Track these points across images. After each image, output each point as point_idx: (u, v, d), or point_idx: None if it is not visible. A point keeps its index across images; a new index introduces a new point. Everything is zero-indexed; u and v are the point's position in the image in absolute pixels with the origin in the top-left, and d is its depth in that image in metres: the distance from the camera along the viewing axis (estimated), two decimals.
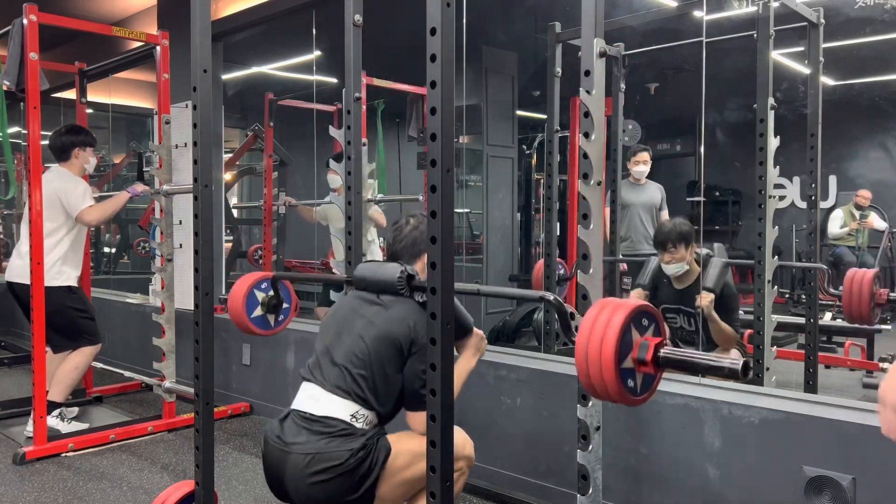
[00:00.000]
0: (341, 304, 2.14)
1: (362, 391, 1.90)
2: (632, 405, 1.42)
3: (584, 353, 1.39)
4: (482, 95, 5.59)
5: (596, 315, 1.40)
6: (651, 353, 1.39)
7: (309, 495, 1.86)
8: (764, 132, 2.70)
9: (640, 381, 1.42)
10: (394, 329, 1.92)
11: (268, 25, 4.47)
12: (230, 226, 5.85)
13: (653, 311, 1.44)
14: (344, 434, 1.86)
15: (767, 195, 2.71)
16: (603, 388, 1.38)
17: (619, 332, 1.35)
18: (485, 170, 5.64)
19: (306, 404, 1.95)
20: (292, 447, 1.88)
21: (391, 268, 1.96)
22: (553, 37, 3.90)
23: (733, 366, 1.37)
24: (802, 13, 3.00)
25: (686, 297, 3.17)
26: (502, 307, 5.34)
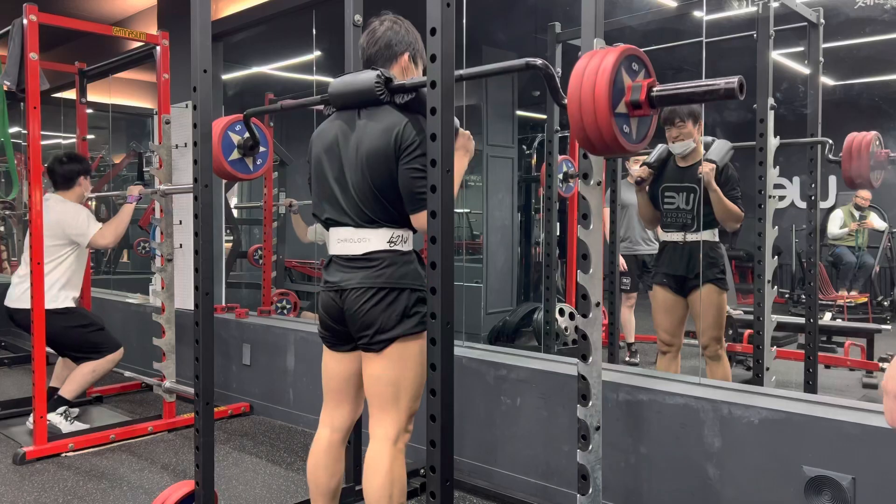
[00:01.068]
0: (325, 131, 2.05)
1: (384, 213, 1.91)
2: (630, 152, 1.40)
3: (576, 103, 1.36)
4: (482, 95, 5.59)
5: (585, 63, 1.38)
6: (644, 92, 1.38)
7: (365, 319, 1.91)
8: (764, 132, 2.70)
9: (635, 126, 1.40)
10: (380, 143, 1.88)
11: (268, 25, 4.47)
12: (230, 226, 5.85)
13: (641, 54, 1.42)
14: (392, 263, 1.90)
15: (767, 195, 2.71)
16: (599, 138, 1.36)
17: (610, 74, 1.33)
18: (485, 170, 5.64)
19: (344, 247, 1.96)
20: (345, 283, 1.93)
21: (366, 74, 1.92)
22: (553, 37, 3.90)
23: (728, 84, 1.35)
24: (802, 13, 3.01)
25: (689, 174, 3.18)
26: (502, 307, 5.34)
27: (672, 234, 3.27)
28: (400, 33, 2.02)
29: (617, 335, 3.91)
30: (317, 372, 3.62)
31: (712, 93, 1.40)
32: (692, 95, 1.42)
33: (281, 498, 2.82)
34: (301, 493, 2.84)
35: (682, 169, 3.22)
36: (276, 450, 3.39)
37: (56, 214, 3.55)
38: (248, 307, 4.28)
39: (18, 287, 3.62)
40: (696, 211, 3.14)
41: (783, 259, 5.71)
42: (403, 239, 1.93)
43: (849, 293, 5.58)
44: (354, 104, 1.97)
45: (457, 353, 2.70)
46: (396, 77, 1.93)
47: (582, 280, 1.65)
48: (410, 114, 1.88)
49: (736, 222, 3.10)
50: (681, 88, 1.42)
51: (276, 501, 2.79)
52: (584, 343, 1.66)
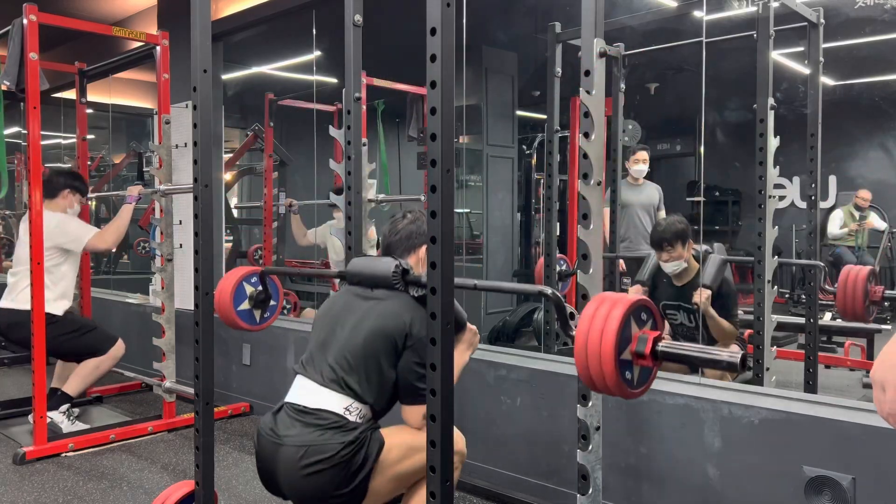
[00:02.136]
0: (335, 299, 2.14)
1: (356, 385, 1.90)
2: (629, 398, 1.42)
3: (583, 345, 1.39)
4: (482, 95, 5.59)
5: (595, 308, 1.41)
6: (650, 346, 1.40)
7: (301, 488, 1.86)
8: (764, 132, 2.70)
9: (637, 374, 1.43)
10: (388, 323, 1.92)
11: (268, 25, 4.47)
12: (230, 226, 5.85)
13: (651, 305, 1.45)
14: (337, 426, 1.86)
15: (767, 195, 2.71)
16: (602, 381, 1.39)
17: (618, 324, 1.36)
18: (485, 170, 5.64)
19: (300, 396, 1.95)
20: (285, 439, 1.88)
21: (385, 262, 1.96)
22: (553, 37, 3.90)
23: (732, 358, 1.37)
24: (802, 13, 3.00)
25: (685, 293, 3.18)
26: (502, 307, 5.34)
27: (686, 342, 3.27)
28: (422, 227, 2.06)
29: None
30: None
31: (714, 363, 1.43)
32: (695, 360, 1.46)
33: (280, 501, 2.82)
34: None
35: (679, 288, 3.23)
36: None
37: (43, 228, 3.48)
38: None
39: (15, 288, 3.60)
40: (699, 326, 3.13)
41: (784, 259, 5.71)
42: (360, 413, 1.91)
43: None
44: (370, 286, 2.01)
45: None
46: (412, 267, 1.97)
47: (582, 280, 1.65)
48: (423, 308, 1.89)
49: (730, 340, 3.14)
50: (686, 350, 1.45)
51: (276, 501, 2.79)
52: None
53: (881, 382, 0.91)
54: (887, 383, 0.90)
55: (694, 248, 3.16)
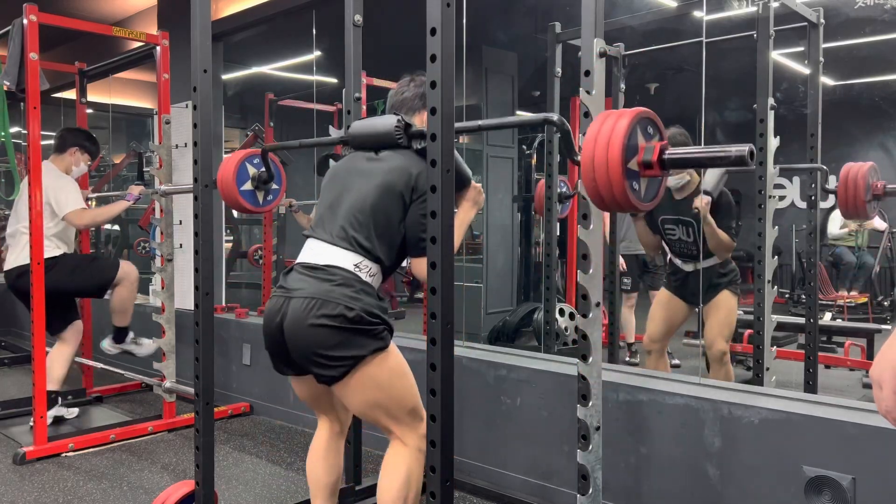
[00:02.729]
0: (341, 164, 2.11)
1: (366, 241, 1.89)
2: (638, 209, 1.44)
3: (590, 159, 1.40)
4: (482, 95, 5.59)
5: (601, 122, 1.42)
6: (656, 154, 1.42)
7: (304, 338, 1.82)
8: (764, 132, 2.70)
9: (644, 185, 1.45)
10: (394, 179, 1.91)
11: (268, 25, 4.47)
12: (230, 226, 5.85)
13: (655, 117, 1.46)
14: (347, 284, 1.85)
15: (767, 195, 2.71)
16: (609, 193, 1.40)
17: (625, 133, 1.38)
18: (485, 170, 5.64)
19: (310, 256, 1.94)
20: (294, 292, 1.87)
21: (387, 118, 1.95)
22: (553, 37, 3.90)
23: (739, 152, 1.37)
24: (802, 13, 3.00)
25: (685, 206, 3.18)
26: (502, 307, 5.34)
27: (682, 264, 3.28)
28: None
29: (617, 335, 3.91)
30: None
31: (723, 159, 1.43)
32: (702, 161, 1.49)
33: (281, 498, 2.82)
34: (301, 493, 2.84)
35: (679, 202, 3.23)
36: (276, 450, 3.39)
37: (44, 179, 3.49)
38: (248, 307, 4.28)
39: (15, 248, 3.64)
40: (700, 241, 3.13)
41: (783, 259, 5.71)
42: (370, 272, 1.90)
43: (849, 293, 5.57)
44: (372, 146, 2.00)
45: (457, 353, 2.69)
46: (415, 125, 1.96)
47: (582, 280, 1.65)
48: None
49: (726, 252, 3.13)
50: (692, 153, 1.48)
51: (276, 501, 2.79)
52: (584, 343, 1.66)
53: (878, 380, 0.93)
54: (884, 381, 0.91)
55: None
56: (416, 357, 2.36)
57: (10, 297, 3.80)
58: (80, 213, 3.58)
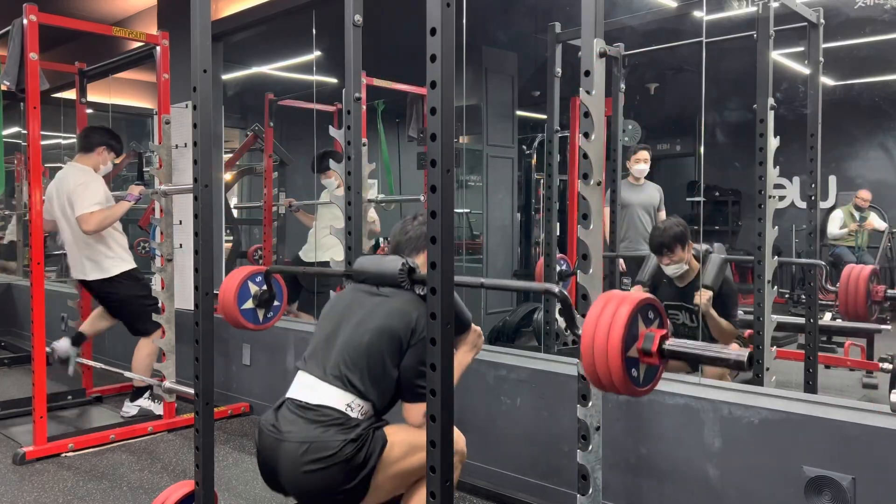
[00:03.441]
0: (340, 296, 2.14)
1: (359, 382, 1.90)
2: (635, 396, 1.42)
3: (590, 343, 1.39)
4: (482, 95, 5.59)
5: (602, 306, 1.42)
6: (656, 344, 1.41)
7: (302, 484, 1.85)
8: (764, 132, 2.70)
9: (643, 372, 1.43)
10: (394, 322, 1.92)
11: (268, 25, 4.47)
12: (230, 226, 5.85)
13: (657, 303, 1.45)
14: (339, 423, 1.86)
15: (767, 195, 2.71)
16: (608, 379, 1.39)
17: (626, 322, 1.37)
18: (485, 170, 5.64)
19: (301, 393, 1.95)
20: (286, 435, 1.87)
21: (392, 260, 1.96)
22: (553, 37, 3.90)
23: (739, 357, 1.38)
24: (802, 13, 3.00)
25: (687, 293, 3.18)
26: (502, 307, 5.34)
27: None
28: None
29: None
30: None
31: (722, 361, 1.43)
32: (702, 358, 1.46)
33: (280, 498, 2.82)
34: None
35: (680, 289, 3.24)
36: None
37: (71, 180, 3.63)
38: None
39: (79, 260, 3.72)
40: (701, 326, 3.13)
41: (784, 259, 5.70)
42: (363, 410, 1.90)
43: None
44: (375, 284, 2.02)
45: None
46: (419, 267, 1.97)
47: (582, 280, 1.65)
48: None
49: (730, 339, 3.16)
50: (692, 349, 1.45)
51: (276, 501, 2.79)
52: None
53: None
54: None
55: (694, 248, 3.17)
56: None
57: (10, 297, 3.81)
58: (87, 218, 3.60)
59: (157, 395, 3.74)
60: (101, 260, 3.69)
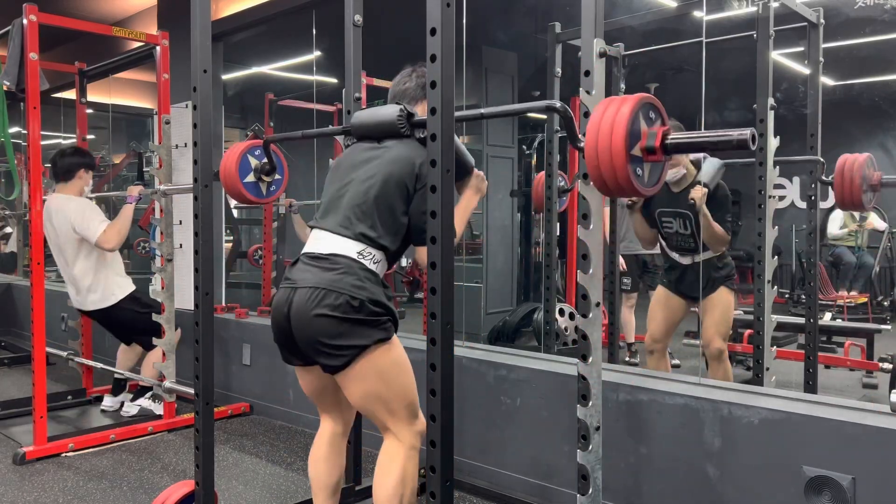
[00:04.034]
0: (343, 157, 2.12)
1: (370, 230, 1.91)
2: (642, 195, 1.46)
3: (594, 145, 1.42)
4: (482, 95, 5.59)
5: (604, 108, 1.44)
6: (659, 139, 1.44)
7: (310, 329, 1.85)
8: (764, 132, 2.70)
9: (647, 170, 1.47)
10: (397, 169, 1.92)
11: (268, 25, 4.47)
12: (230, 226, 5.85)
13: (657, 103, 1.49)
14: (350, 272, 1.86)
15: (767, 195, 2.71)
16: (613, 179, 1.42)
17: (628, 119, 1.39)
18: (485, 170, 5.63)
19: (314, 245, 1.96)
20: (300, 282, 1.89)
21: (389, 108, 1.97)
22: (553, 37, 3.90)
23: (741, 136, 1.39)
24: (802, 13, 3.00)
25: (682, 199, 3.18)
26: (502, 307, 5.34)
27: (679, 257, 3.28)
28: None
29: (617, 335, 3.91)
30: None
31: (725, 143, 1.45)
32: (704, 145, 1.48)
33: (281, 498, 2.82)
34: (301, 494, 2.84)
35: (675, 195, 3.23)
36: (276, 450, 3.39)
37: (64, 215, 3.62)
38: (248, 307, 4.28)
39: (80, 291, 3.72)
40: (697, 234, 3.14)
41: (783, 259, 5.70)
42: (374, 259, 1.91)
43: (849, 293, 5.57)
44: (375, 136, 2.01)
45: (457, 354, 2.69)
46: (418, 115, 1.97)
47: (582, 280, 1.65)
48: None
49: (721, 245, 3.13)
50: (694, 137, 1.48)
51: (276, 501, 2.79)
52: (584, 343, 1.66)
53: None
54: None
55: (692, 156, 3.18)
56: (416, 357, 2.36)
57: (10, 297, 3.82)
58: (106, 237, 3.65)
59: (157, 396, 3.75)
60: (101, 289, 3.72)
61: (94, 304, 3.74)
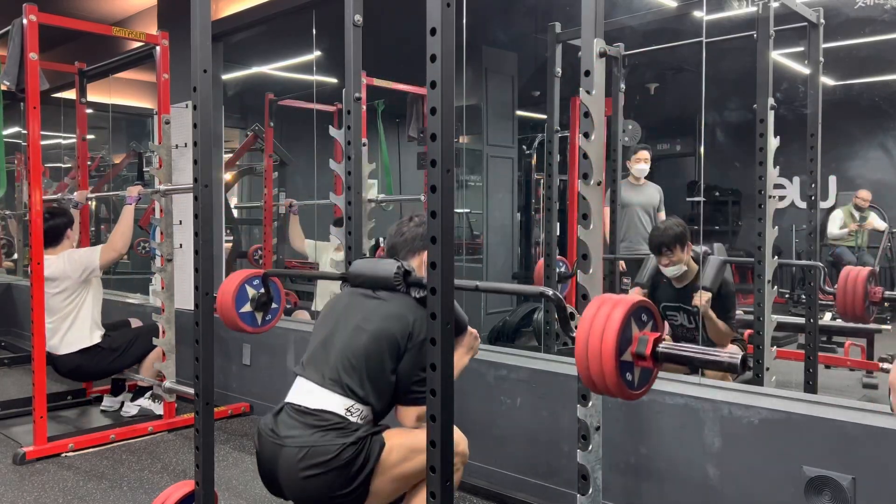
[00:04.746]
0: (337, 299, 2.14)
1: (357, 386, 1.90)
2: (629, 399, 1.42)
3: (584, 347, 1.39)
4: (482, 95, 5.59)
5: (596, 310, 1.41)
6: (650, 347, 1.40)
7: (302, 489, 1.86)
8: (764, 132, 2.70)
9: (637, 375, 1.43)
10: (391, 325, 1.92)
11: (268, 25, 4.47)
12: (230, 226, 5.85)
13: (651, 306, 1.45)
14: (338, 427, 1.86)
15: (767, 195, 2.71)
16: (602, 382, 1.39)
17: (619, 326, 1.36)
18: (485, 170, 5.64)
19: (301, 398, 1.95)
20: (286, 440, 1.88)
21: (387, 263, 1.96)
22: (553, 37, 3.90)
23: (732, 359, 1.38)
24: (802, 13, 3.00)
25: (685, 295, 3.18)
26: (502, 307, 5.34)
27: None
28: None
29: None
30: None
31: (715, 364, 1.43)
32: (695, 361, 1.46)
33: (281, 501, 2.82)
34: None
35: (679, 290, 3.25)
36: None
37: (56, 271, 3.60)
38: None
39: (55, 333, 3.65)
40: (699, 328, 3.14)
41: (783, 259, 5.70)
42: (362, 414, 1.91)
43: None
44: (371, 287, 2.02)
45: None
46: (415, 269, 1.98)
47: (582, 280, 1.65)
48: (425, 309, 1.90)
49: (726, 340, 3.15)
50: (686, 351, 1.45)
51: (276, 501, 2.79)
52: None
53: None
54: None
55: (693, 250, 3.17)
56: None
57: (10, 297, 3.82)
58: (109, 247, 3.67)
59: (157, 395, 3.75)
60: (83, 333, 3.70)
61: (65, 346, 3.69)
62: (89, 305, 3.72)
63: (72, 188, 5.38)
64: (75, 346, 3.65)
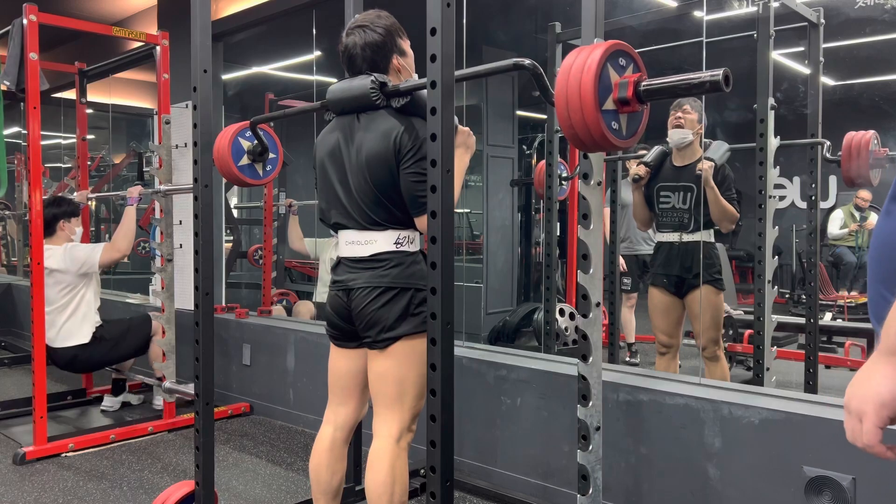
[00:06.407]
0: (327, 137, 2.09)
1: (387, 215, 1.93)
2: (621, 147, 1.39)
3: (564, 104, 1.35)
4: (482, 95, 5.59)
5: (571, 62, 1.37)
6: (632, 89, 1.36)
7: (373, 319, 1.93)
8: (764, 132, 2.70)
9: (625, 122, 1.39)
10: (379, 148, 1.90)
11: (268, 25, 4.47)
12: (230, 226, 5.85)
13: (628, 49, 1.40)
14: (398, 264, 1.92)
15: (767, 195, 2.71)
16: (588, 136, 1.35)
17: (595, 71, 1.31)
18: (485, 170, 5.64)
19: (350, 250, 1.99)
20: (353, 283, 1.95)
21: (361, 80, 1.94)
22: (553, 37, 3.90)
23: (713, 77, 1.34)
24: (802, 13, 3.01)
25: (685, 174, 3.19)
26: (502, 307, 5.34)
27: (668, 235, 3.27)
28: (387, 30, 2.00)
29: (617, 335, 3.92)
30: (317, 372, 3.62)
31: (699, 85, 1.39)
32: (678, 88, 1.41)
33: (281, 498, 2.82)
34: (301, 493, 2.84)
35: (679, 168, 3.23)
36: (276, 450, 3.39)
37: (55, 263, 3.58)
38: (248, 307, 4.28)
39: (52, 326, 3.63)
40: (693, 210, 3.14)
41: (783, 259, 5.71)
42: (410, 240, 1.95)
43: (849, 293, 5.58)
44: (352, 109, 1.99)
45: (457, 354, 2.70)
46: (390, 80, 1.94)
47: (582, 280, 1.65)
48: (406, 118, 1.90)
49: (731, 223, 3.12)
50: (668, 82, 1.41)
51: (276, 501, 2.79)
52: (584, 343, 1.66)
53: (857, 412, 0.84)
54: (864, 415, 0.83)
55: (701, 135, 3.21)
56: None
57: (10, 297, 3.82)
58: (112, 247, 3.67)
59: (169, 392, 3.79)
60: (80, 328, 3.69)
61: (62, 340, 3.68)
62: (89, 300, 3.72)
63: (72, 188, 5.39)
64: (72, 340, 3.63)
